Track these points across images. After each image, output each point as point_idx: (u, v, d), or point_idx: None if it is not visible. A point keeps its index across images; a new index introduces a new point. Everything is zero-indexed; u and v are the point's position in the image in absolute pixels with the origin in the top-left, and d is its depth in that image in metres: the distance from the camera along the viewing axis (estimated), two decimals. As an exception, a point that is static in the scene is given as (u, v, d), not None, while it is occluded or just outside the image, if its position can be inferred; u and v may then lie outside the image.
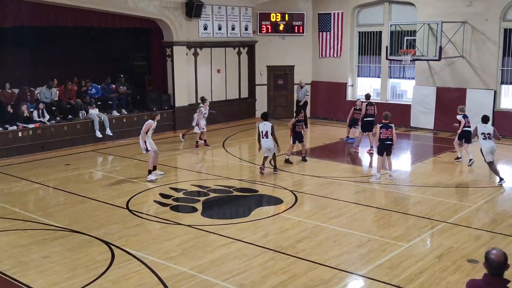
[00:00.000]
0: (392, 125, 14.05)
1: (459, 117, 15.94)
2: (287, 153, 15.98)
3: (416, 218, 11.05)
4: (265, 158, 14.75)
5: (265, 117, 14.91)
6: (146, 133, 14.12)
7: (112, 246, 9.63)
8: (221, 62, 23.19)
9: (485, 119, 14.09)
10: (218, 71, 23.06)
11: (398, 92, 22.97)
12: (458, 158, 16.14)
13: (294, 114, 16.68)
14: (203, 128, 17.97)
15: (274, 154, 14.74)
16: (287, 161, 15.84)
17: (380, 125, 14.12)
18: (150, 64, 22.81)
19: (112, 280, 8.30)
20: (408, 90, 22.28)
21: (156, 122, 14.44)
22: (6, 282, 8.35)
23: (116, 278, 8.35)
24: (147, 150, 14.18)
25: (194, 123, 18.55)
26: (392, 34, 20.34)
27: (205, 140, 18.28)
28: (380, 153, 14.14)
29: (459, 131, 15.90)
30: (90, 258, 9.15)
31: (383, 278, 8.29)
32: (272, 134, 14.43)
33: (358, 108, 18.27)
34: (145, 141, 14.12)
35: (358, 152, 17.63)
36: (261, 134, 14.55)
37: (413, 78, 21.99)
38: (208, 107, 18.36)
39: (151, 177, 14.15)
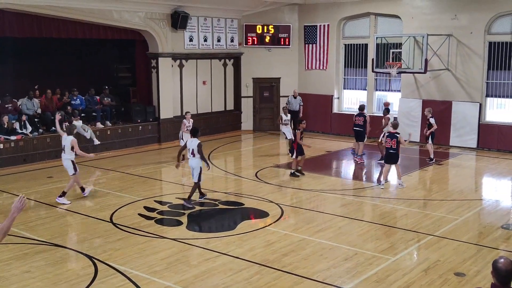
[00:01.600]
0: (398, 135, 14.43)
1: (432, 120, 17.39)
2: (292, 167, 15.92)
3: (403, 231, 11.00)
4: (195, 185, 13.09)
5: (193, 133, 13.13)
6: (72, 149, 13.12)
7: (95, 260, 9.46)
8: (207, 74, 23.12)
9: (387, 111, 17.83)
10: (204, 83, 22.97)
11: (384, 104, 22.99)
12: (431, 159, 17.54)
13: (297, 125, 16.08)
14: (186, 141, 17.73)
15: (197, 181, 13.02)
16: (300, 172, 15.81)
17: (387, 134, 14.80)
18: (134, 75, 22.66)
19: (95, 295, 8.14)
20: (394, 103, 22.31)
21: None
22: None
23: (99, 294, 8.20)
24: (76, 170, 13.17)
25: (287, 136, 19.16)
26: (378, 47, 20.43)
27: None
28: (385, 161, 14.84)
29: (427, 133, 17.43)
30: (72, 272, 8.98)
31: (370, 293, 8.22)
32: (199, 152, 12.74)
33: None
34: (72, 161, 13.11)
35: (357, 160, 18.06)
36: (188, 151, 13.07)
37: (399, 91, 22.08)
38: (191, 120, 18.04)
39: (87, 191, 13.56)
